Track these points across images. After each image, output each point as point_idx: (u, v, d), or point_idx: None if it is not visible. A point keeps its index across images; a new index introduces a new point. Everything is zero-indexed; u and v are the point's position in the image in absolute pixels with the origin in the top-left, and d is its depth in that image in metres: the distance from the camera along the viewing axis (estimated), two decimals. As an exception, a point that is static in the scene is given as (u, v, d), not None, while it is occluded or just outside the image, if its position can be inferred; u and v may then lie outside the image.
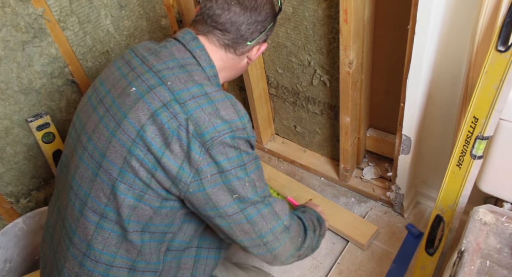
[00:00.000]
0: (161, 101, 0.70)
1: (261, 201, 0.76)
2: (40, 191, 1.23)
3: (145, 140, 0.69)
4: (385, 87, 1.32)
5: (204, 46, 0.80)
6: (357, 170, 1.52)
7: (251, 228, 0.76)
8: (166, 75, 0.73)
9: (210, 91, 0.73)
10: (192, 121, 0.69)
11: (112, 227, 0.73)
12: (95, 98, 0.80)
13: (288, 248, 0.82)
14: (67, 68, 1.13)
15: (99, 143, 0.73)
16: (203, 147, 0.69)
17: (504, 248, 0.73)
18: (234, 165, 0.72)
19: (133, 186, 0.71)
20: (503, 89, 0.76)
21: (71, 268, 0.75)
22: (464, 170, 0.85)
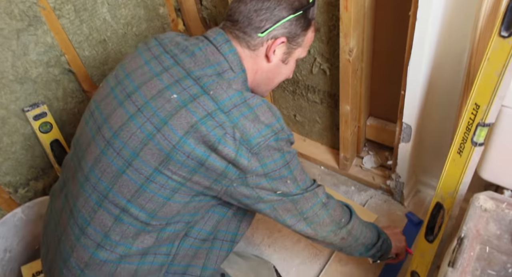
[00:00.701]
0: (206, 111, 0.70)
1: (303, 189, 0.81)
2: (39, 181, 1.22)
3: (188, 146, 0.69)
4: (386, 75, 1.30)
5: (236, 50, 0.78)
6: (357, 159, 1.51)
7: (293, 207, 0.81)
8: (207, 84, 0.73)
9: (249, 97, 0.74)
10: (238, 129, 0.70)
11: (131, 221, 0.74)
12: (121, 91, 0.77)
13: (327, 223, 0.87)
14: (63, 57, 1.12)
15: (131, 143, 0.72)
16: (250, 153, 0.71)
17: (504, 235, 0.73)
18: (279, 165, 0.75)
19: (164, 186, 0.72)
20: (505, 76, 0.75)
21: (80, 258, 0.74)
22: (464, 158, 0.85)
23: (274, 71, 0.85)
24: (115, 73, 0.81)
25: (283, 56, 0.84)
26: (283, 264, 1.29)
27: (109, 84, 0.80)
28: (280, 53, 0.83)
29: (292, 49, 0.84)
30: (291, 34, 0.81)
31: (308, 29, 0.84)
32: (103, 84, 0.82)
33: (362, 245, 0.97)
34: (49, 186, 1.26)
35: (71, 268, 0.75)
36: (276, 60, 0.83)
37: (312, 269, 1.27)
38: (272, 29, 0.78)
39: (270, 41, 0.80)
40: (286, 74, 0.89)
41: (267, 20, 0.78)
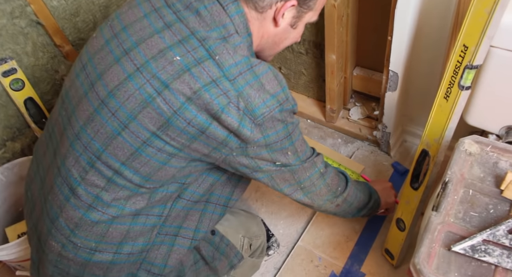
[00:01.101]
0: (210, 77, 0.65)
1: (302, 160, 0.81)
2: (16, 141, 1.19)
3: (190, 113, 0.65)
4: (372, 22, 1.25)
5: (244, 12, 0.71)
6: (344, 111, 1.49)
7: (291, 177, 0.81)
8: (213, 47, 0.67)
9: (255, 63, 0.69)
10: (242, 98, 0.66)
11: (125, 183, 0.71)
12: (117, 46, 0.70)
13: (324, 193, 0.88)
14: (28, 7, 1.04)
15: (128, 104, 0.67)
16: (254, 123, 0.68)
17: (487, 177, 0.72)
18: (281, 137, 0.73)
19: (161, 151, 0.69)
20: (495, 13, 0.71)
21: (70, 218, 0.73)
22: (451, 102, 0.83)
23: (281, 35, 0.79)
24: (110, 23, 0.74)
25: (292, 20, 0.77)
26: (271, 217, 1.30)
27: (104, 35, 0.74)
28: (289, 17, 0.76)
29: (303, 13, 0.77)
30: None
31: None
32: (97, 34, 0.76)
33: (356, 208, 1.00)
34: (28, 146, 1.22)
35: (60, 228, 0.73)
36: (285, 24, 0.77)
37: (299, 221, 1.28)
38: None
39: (280, 4, 0.72)
40: (294, 38, 0.83)
41: None
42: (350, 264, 1.16)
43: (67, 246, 0.74)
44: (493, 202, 0.69)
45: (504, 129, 0.92)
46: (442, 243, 0.66)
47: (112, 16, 0.76)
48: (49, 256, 0.76)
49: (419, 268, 0.63)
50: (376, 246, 1.18)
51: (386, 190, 1.12)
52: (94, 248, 0.74)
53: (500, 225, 0.64)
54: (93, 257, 0.75)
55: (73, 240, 0.73)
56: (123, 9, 0.75)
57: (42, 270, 0.79)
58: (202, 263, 0.91)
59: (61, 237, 0.74)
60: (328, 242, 1.20)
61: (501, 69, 0.82)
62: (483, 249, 0.63)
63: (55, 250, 0.75)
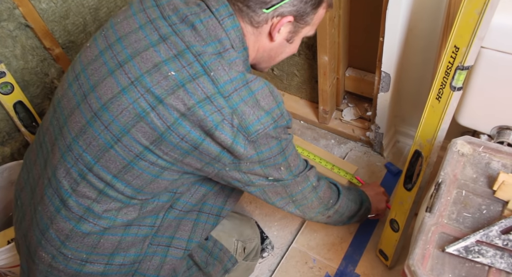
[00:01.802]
0: (205, 93, 0.65)
1: (295, 175, 0.81)
2: (5, 145, 1.17)
3: (184, 128, 0.65)
4: (364, 23, 1.26)
5: (240, 26, 0.71)
6: (337, 112, 1.49)
7: (283, 190, 0.82)
8: (208, 63, 0.66)
9: (251, 79, 0.68)
10: (237, 115, 0.66)
11: (116, 195, 0.70)
12: (111, 58, 0.69)
13: (315, 206, 0.89)
14: (17, 10, 1.03)
15: (121, 118, 0.66)
16: (247, 140, 0.68)
17: (479, 178, 0.73)
18: (275, 153, 0.73)
19: (154, 164, 0.68)
20: (486, 14, 0.72)
21: (60, 230, 0.71)
22: (443, 103, 0.83)
23: (277, 50, 0.79)
24: (105, 33, 0.73)
25: (288, 35, 0.76)
26: (264, 219, 1.29)
27: (98, 45, 0.72)
28: (286, 32, 0.75)
29: (299, 28, 0.76)
30: (300, 12, 0.72)
31: (319, 6, 0.75)
32: (91, 43, 0.74)
33: (346, 217, 1.01)
34: (17, 150, 1.21)
35: (51, 239, 0.72)
36: (280, 39, 0.76)
37: (293, 223, 1.28)
38: (279, 5, 0.70)
39: (276, 19, 0.72)
40: (290, 52, 0.82)
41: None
42: (344, 266, 1.15)
43: (57, 258, 0.73)
44: (486, 202, 0.69)
45: (495, 129, 0.92)
46: (436, 244, 0.66)
47: (106, 25, 0.75)
48: (39, 267, 0.74)
49: (414, 270, 0.63)
50: (370, 247, 1.18)
51: (378, 195, 1.13)
52: (85, 259, 0.73)
53: (493, 226, 0.64)
54: (84, 268, 0.74)
55: (63, 251, 0.72)
56: (118, 18, 0.74)
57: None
58: (195, 269, 0.90)
59: (51, 248, 0.73)
60: (322, 244, 1.20)
61: (492, 69, 0.83)
62: (477, 250, 0.63)
63: (45, 261, 0.74)
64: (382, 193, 1.15)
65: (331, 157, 1.39)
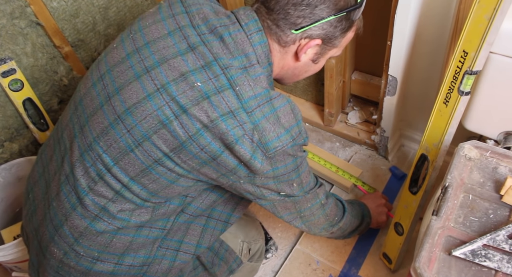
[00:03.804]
0: (229, 108, 0.65)
1: (306, 191, 0.82)
2: (14, 142, 1.18)
3: (205, 139, 0.66)
4: (371, 27, 1.26)
5: (267, 42, 0.71)
6: (342, 115, 1.50)
7: (293, 206, 0.83)
8: (234, 77, 0.67)
9: (275, 96, 0.68)
10: (257, 131, 0.66)
11: (132, 197, 0.72)
12: (138, 62, 0.69)
13: (321, 222, 0.91)
14: (28, 8, 1.04)
15: (145, 123, 0.67)
16: (265, 156, 0.68)
17: (487, 182, 0.73)
18: (290, 169, 0.74)
19: (171, 170, 0.69)
20: (495, 20, 0.72)
21: (75, 227, 0.72)
22: (450, 108, 0.83)
23: (302, 69, 0.80)
24: (133, 35, 0.73)
25: (314, 56, 0.77)
26: (269, 221, 1.30)
27: (125, 48, 0.72)
28: (312, 53, 0.76)
29: (326, 50, 0.77)
30: (328, 36, 0.73)
31: (348, 30, 0.76)
32: (118, 44, 0.74)
33: (348, 232, 1.04)
34: (25, 147, 1.21)
35: (64, 236, 0.73)
36: (306, 59, 0.77)
37: (297, 223, 1.28)
38: (308, 28, 0.70)
39: (304, 41, 0.72)
40: (314, 71, 0.83)
41: (304, 17, 0.69)
42: (347, 268, 1.16)
43: (69, 254, 0.73)
44: (493, 207, 0.70)
45: (502, 135, 0.92)
46: (442, 248, 0.66)
47: (134, 27, 0.75)
48: (50, 262, 0.75)
49: (420, 272, 0.63)
50: (373, 250, 1.18)
51: (379, 208, 1.14)
52: (97, 258, 0.74)
53: (500, 230, 0.64)
54: (95, 267, 0.74)
55: (76, 248, 0.73)
56: (147, 21, 0.74)
57: (42, 274, 0.78)
58: (201, 269, 0.91)
59: (64, 244, 0.73)
60: (326, 246, 1.20)
61: (500, 75, 0.83)
62: (483, 254, 0.63)
63: (57, 257, 0.74)
64: (383, 205, 1.16)
65: (336, 160, 1.39)
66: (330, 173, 1.35)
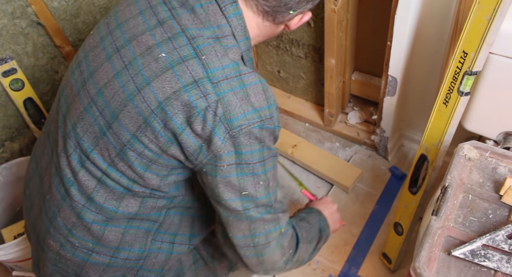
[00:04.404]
0: (192, 77, 0.63)
1: (268, 205, 0.72)
2: (14, 141, 1.18)
3: (166, 113, 0.63)
4: (371, 27, 1.26)
5: (242, 14, 0.68)
6: (342, 115, 1.50)
7: (247, 226, 0.72)
8: (201, 46, 0.64)
9: (245, 72, 0.65)
10: (222, 104, 0.63)
11: (114, 185, 0.70)
12: (110, 44, 0.69)
13: (276, 257, 0.76)
14: (29, 8, 1.04)
15: (112, 102, 0.66)
16: (228, 134, 0.63)
17: (486, 182, 0.73)
18: (255, 159, 0.67)
19: (141, 155, 0.67)
20: (495, 20, 0.72)
21: (67, 218, 0.72)
22: (450, 108, 0.84)
23: (275, 32, 0.79)
24: (108, 20, 0.73)
25: None
26: (268, 220, 1.30)
27: (100, 32, 0.72)
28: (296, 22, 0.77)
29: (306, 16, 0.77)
30: (314, 4, 0.74)
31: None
32: (94, 31, 0.75)
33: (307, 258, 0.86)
34: (26, 146, 1.22)
35: (58, 227, 0.73)
36: None
37: (297, 223, 1.28)
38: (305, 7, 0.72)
39: (299, 16, 0.74)
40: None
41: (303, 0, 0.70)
42: (347, 268, 1.16)
43: (65, 246, 0.74)
44: (493, 207, 0.70)
45: (501, 135, 0.93)
46: (442, 248, 0.66)
47: (110, 13, 0.75)
48: (48, 255, 0.75)
49: (419, 272, 0.63)
50: (373, 250, 1.18)
51: (334, 215, 0.99)
52: (91, 249, 0.74)
53: (499, 230, 0.65)
54: (90, 258, 0.74)
55: (71, 239, 0.73)
56: (121, 6, 0.74)
57: (42, 268, 0.78)
58: (201, 263, 0.90)
59: (59, 236, 0.73)
60: (326, 246, 1.21)
61: (500, 75, 0.83)
62: (483, 254, 0.64)
63: (54, 249, 0.74)
64: (336, 211, 1.01)
65: (336, 160, 1.39)
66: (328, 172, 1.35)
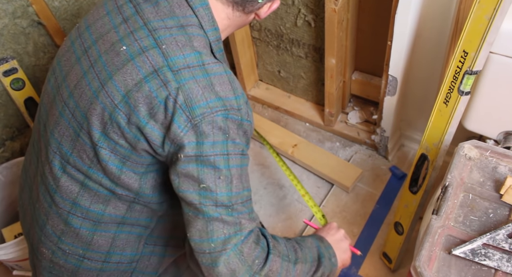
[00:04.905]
0: (153, 67, 0.61)
1: (228, 206, 0.64)
2: (15, 141, 1.18)
3: (129, 107, 0.62)
4: (372, 27, 1.27)
5: (208, 5, 0.67)
6: (342, 115, 1.50)
7: (204, 227, 0.64)
8: (162, 37, 0.63)
9: (208, 62, 0.63)
10: (183, 92, 0.60)
11: (97, 187, 0.69)
12: (79, 46, 0.69)
13: (234, 266, 0.64)
14: (30, 7, 1.04)
15: (81, 102, 0.65)
16: (190, 123, 0.60)
17: (486, 182, 0.73)
18: (217, 151, 0.62)
19: (114, 152, 0.65)
20: (495, 20, 0.72)
21: (56, 225, 0.72)
22: (451, 107, 0.84)
23: (246, 22, 0.78)
24: (78, 24, 0.74)
25: None
26: (269, 220, 1.30)
27: (71, 37, 0.73)
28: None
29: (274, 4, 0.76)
30: None
31: None
32: (67, 37, 0.75)
33: None
34: (27, 146, 1.22)
35: (48, 235, 0.73)
36: None
37: (297, 224, 1.28)
38: None
39: (268, 4, 0.73)
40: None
41: None
42: (348, 267, 1.16)
43: (56, 253, 0.73)
44: (493, 206, 0.70)
45: (502, 135, 0.93)
46: (442, 247, 0.66)
47: (81, 19, 0.76)
48: (42, 263, 0.75)
49: (420, 271, 0.63)
50: (374, 250, 1.18)
51: (340, 242, 0.83)
52: (82, 255, 0.73)
53: (500, 229, 0.65)
54: (82, 264, 0.73)
55: (61, 246, 0.72)
56: (91, 10, 0.74)
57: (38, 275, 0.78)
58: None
59: (50, 244, 0.73)
60: (326, 245, 1.21)
61: (500, 75, 0.83)
62: (483, 253, 0.64)
63: (47, 257, 0.74)
64: (343, 239, 0.85)
65: (336, 159, 1.39)
66: (329, 172, 1.35)
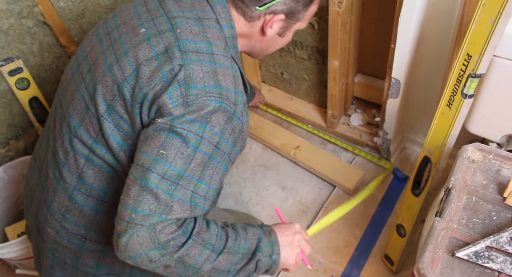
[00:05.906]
0: (165, 46, 0.66)
1: (172, 183, 0.61)
2: (19, 140, 1.19)
3: (136, 79, 0.65)
4: (375, 29, 1.27)
5: (227, 4, 0.72)
6: (345, 117, 1.50)
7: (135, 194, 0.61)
8: (178, 23, 0.68)
9: (217, 53, 0.67)
10: (185, 70, 0.63)
11: (101, 163, 0.70)
12: (103, 30, 0.74)
13: (142, 240, 0.59)
14: (36, 7, 1.05)
15: (95, 75, 0.69)
16: (182, 99, 0.62)
17: (490, 184, 0.73)
18: (192, 129, 0.61)
19: (117, 127, 0.68)
20: (500, 23, 0.73)
21: (61, 201, 0.73)
22: (454, 110, 0.84)
23: (269, 42, 0.81)
24: (105, 17, 0.78)
25: (280, 30, 0.78)
26: (271, 221, 1.30)
27: (97, 26, 0.78)
28: (278, 27, 0.77)
29: (291, 24, 0.78)
30: (291, 10, 0.74)
31: (311, 4, 0.77)
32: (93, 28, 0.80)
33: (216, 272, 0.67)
34: (31, 145, 1.22)
35: (54, 213, 0.74)
36: (273, 34, 0.78)
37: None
38: (271, 4, 0.72)
39: (268, 17, 0.74)
40: (282, 45, 0.84)
41: None
42: (349, 269, 1.16)
43: (60, 232, 0.74)
44: (496, 209, 0.70)
45: (505, 138, 0.93)
46: (445, 249, 0.66)
47: None
48: (47, 244, 0.76)
49: (423, 273, 0.64)
50: (375, 252, 1.19)
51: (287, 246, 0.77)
52: (84, 236, 0.74)
53: (503, 232, 0.65)
54: (85, 245, 0.75)
55: (65, 225, 0.73)
56: (121, 4, 0.79)
57: (42, 259, 0.79)
58: None
59: (55, 222, 0.74)
60: (328, 247, 1.21)
61: (503, 78, 0.84)
62: (487, 256, 0.64)
63: (51, 237, 0.75)
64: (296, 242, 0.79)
65: (338, 161, 1.40)
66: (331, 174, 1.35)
